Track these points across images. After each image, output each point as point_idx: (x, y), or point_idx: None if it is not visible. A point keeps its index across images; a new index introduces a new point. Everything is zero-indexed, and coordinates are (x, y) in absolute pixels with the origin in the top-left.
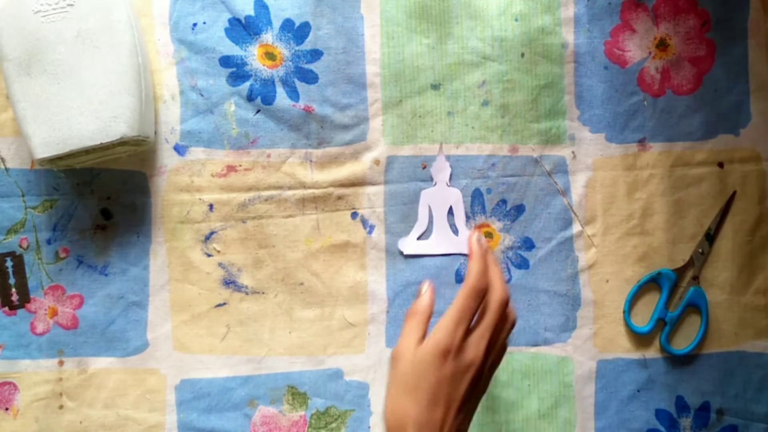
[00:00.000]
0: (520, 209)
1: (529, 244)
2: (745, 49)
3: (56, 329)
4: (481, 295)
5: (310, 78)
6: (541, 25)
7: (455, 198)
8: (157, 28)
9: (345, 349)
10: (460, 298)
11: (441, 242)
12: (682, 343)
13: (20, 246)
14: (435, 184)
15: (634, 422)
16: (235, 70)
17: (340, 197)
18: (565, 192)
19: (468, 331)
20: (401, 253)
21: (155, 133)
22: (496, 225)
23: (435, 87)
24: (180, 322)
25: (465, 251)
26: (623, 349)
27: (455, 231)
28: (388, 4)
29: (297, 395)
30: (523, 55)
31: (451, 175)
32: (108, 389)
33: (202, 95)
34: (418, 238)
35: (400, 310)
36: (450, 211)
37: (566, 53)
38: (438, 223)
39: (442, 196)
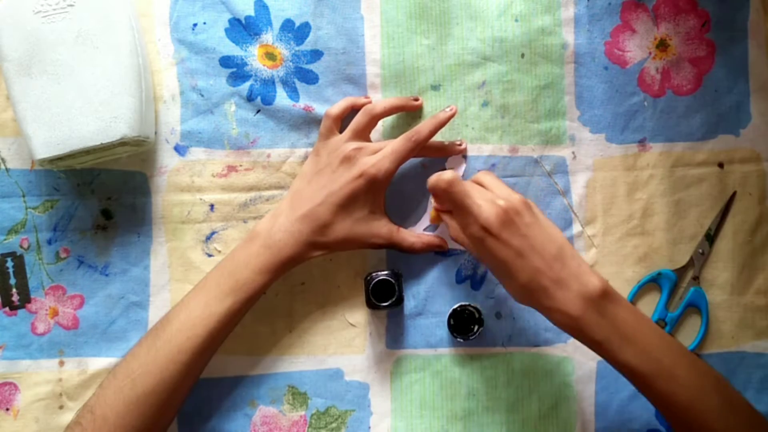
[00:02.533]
0: None
1: None
2: (745, 50)
3: (57, 329)
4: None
5: (310, 78)
6: (541, 26)
7: None
8: (157, 28)
9: (345, 349)
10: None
11: (446, 235)
12: (682, 344)
13: (21, 246)
14: None
15: (635, 423)
16: (236, 71)
17: None
18: (565, 192)
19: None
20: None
21: (155, 133)
22: None
23: (435, 88)
24: None
25: None
26: None
27: None
28: (388, 5)
29: (297, 395)
30: (523, 55)
31: (465, 171)
32: None
33: (202, 95)
34: (424, 230)
35: (401, 310)
36: None
37: (566, 54)
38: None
39: None
